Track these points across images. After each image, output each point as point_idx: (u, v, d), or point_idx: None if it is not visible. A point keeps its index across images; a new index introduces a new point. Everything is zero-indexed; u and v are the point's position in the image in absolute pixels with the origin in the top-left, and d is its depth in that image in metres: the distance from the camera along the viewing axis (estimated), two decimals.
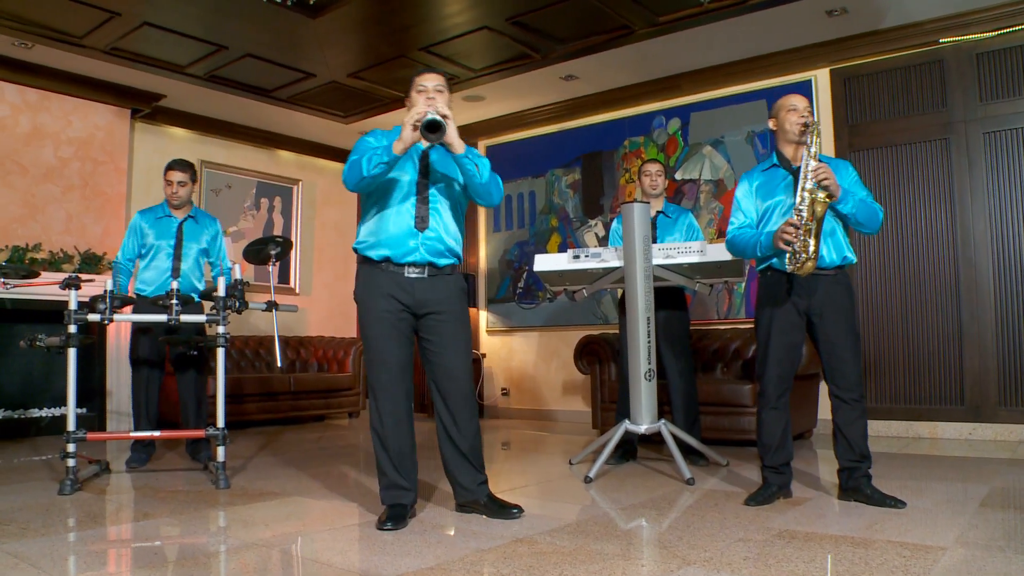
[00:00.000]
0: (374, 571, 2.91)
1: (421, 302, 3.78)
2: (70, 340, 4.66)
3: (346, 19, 6.58)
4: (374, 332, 3.79)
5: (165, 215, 5.79)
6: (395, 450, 3.79)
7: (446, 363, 3.83)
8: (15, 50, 7.21)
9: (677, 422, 5.51)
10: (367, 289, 3.82)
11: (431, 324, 3.82)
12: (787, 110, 4.12)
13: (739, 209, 4.27)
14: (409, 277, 3.76)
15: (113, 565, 3.09)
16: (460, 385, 3.86)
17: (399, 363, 3.80)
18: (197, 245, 5.80)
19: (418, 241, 3.74)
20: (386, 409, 3.79)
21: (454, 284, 3.88)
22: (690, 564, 2.98)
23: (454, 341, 3.84)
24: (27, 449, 6.56)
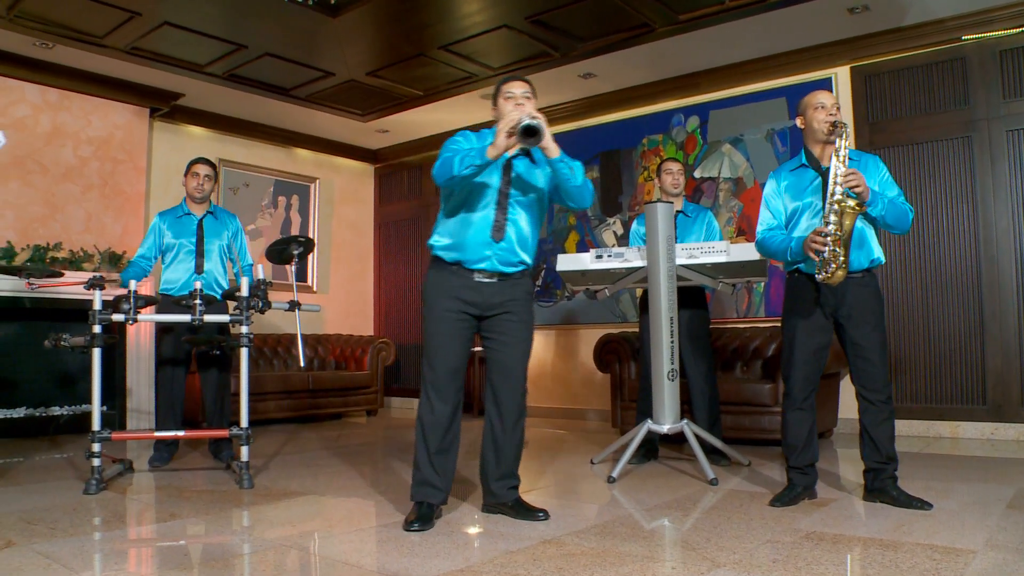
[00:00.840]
0: (404, 573, 2.91)
1: (489, 304, 3.82)
2: (95, 340, 4.68)
3: (366, 18, 6.60)
4: (435, 330, 3.82)
5: (185, 213, 5.80)
6: (435, 448, 3.79)
7: (505, 360, 3.86)
8: (36, 50, 7.24)
9: (698, 421, 5.49)
10: (434, 288, 3.86)
11: (496, 322, 3.86)
12: (814, 108, 4.09)
13: (767, 209, 4.25)
14: (478, 280, 3.80)
15: (143, 566, 3.10)
16: (514, 384, 3.88)
17: (454, 363, 3.82)
18: (219, 241, 5.82)
19: (492, 251, 3.77)
20: (434, 407, 3.80)
21: (523, 287, 3.91)
22: (720, 566, 2.98)
23: (516, 340, 3.86)
24: (48, 447, 6.59)
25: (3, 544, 3.39)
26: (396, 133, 10.04)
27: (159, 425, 5.70)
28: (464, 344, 3.85)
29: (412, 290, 10.56)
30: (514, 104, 3.75)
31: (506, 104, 3.78)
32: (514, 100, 3.77)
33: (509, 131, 3.49)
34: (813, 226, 3.98)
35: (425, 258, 10.18)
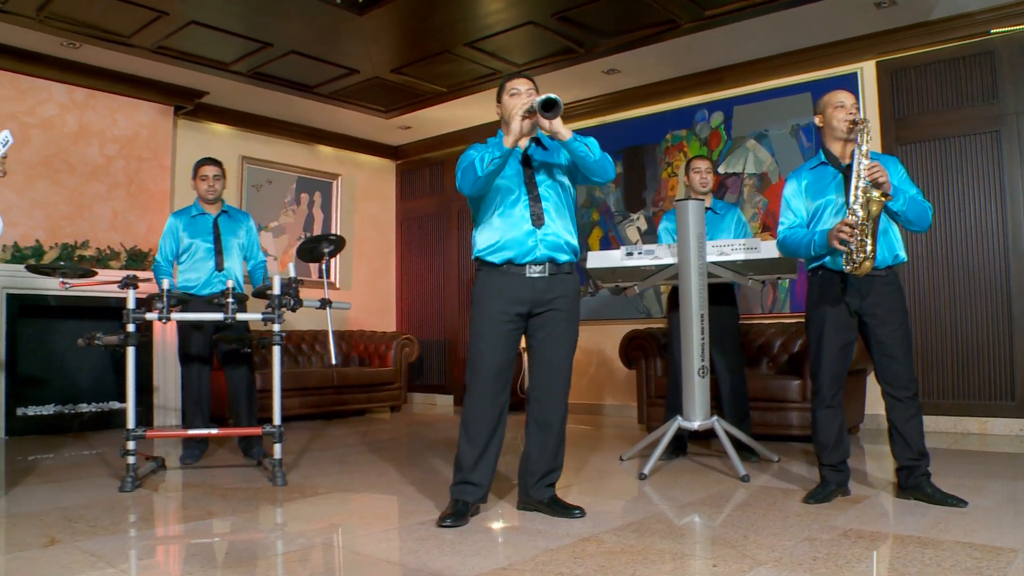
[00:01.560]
0: (448, 571, 2.92)
1: (540, 300, 3.83)
2: (129, 339, 4.71)
3: (393, 15, 6.61)
4: (482, 332, 3.83)
5: (199, 213, 5.84)
6: (479, 449, 3.80)
7: (550, 357, 3.87)
8: (63, 50, 7.29)
9: (727, 418, 5.49)
10: (485, 290, 3.86)
11: (544, 319, 3.86)
12: (834, 107, 4.09)
13: (788, 208, 4.26)
14: (531, 277, 3.80)
15: (187, 563, 3.12)
16: (559, 382, 3.89)
17: (500, 366, 3.83)
18: (236, 239, 5.86)
19: (537, 239, 3.78)
20: (478, 408, 3.82)
21: (572, 284, 3.92)
22: (761, 564, 2.98)
23: (562, 337, 3.87)
24: (77, 443, 6.64)
25: (48, 541, 3.42)
26: (418, 129, 10.06)
27: (187, 423, 5.74)
28: (511, 347, 3.86)
29: (434, 286, 10.58)
30: (520, 101, 3.76)
31: (511, 100, 3.81)
32: (520, 96, 3.80)
33: (524, 114, 3.56)
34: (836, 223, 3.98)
35: (447, 254, 10.22)
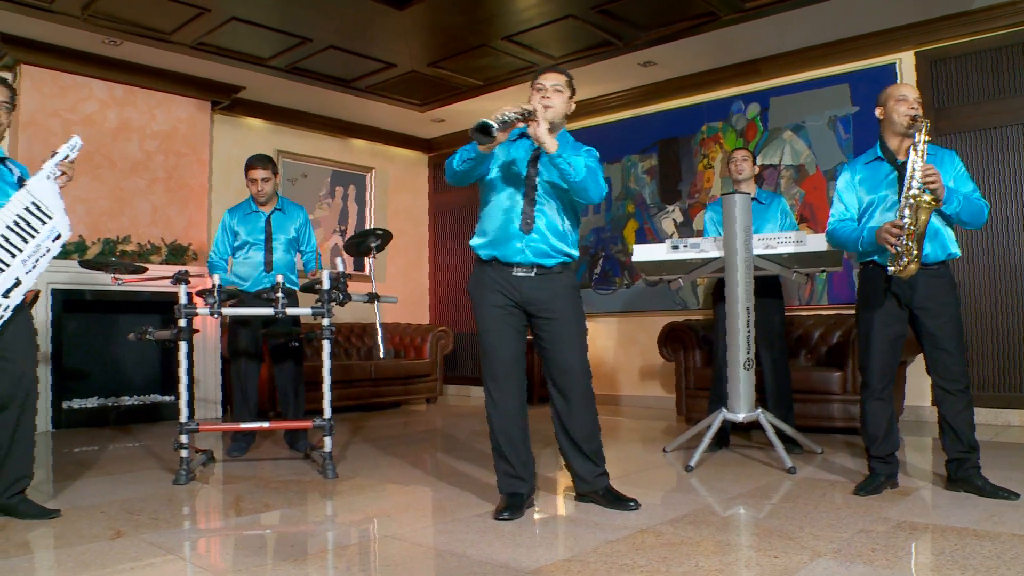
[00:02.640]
0: (513, 564, 2.97)
1: (529, 300, 3.82)
2: (181, 334, 4.78)
3: (432, 9, 6.64)
4: (486, 326, 3.86)
5: (252, 211, 5.89)
6: (508, 440, 3.84)
7: (559, 359, 3.85)
8: (104, 47, 7.37)
9: (771, 410, 5.50)
10: (478, 284, 3.90)
11: (541, 324, 3.85)
12: (896, 99, 4.07)
13: (840, 201, 4.26)
14: (517, 275, 3.81)
15: (255, 555, 3.18)
16: (574, 379, 3.87)
17: (510, 355, 3.85)
18: (286, 236, 5.91)
19: (523, 243, 3.77)
20: (499, 400, 3.85)
21: (562, 282, 3.86)
22: (821, 556, 3.01)
23: (566, 339, 3.84)
24: (120, 435, 6.73)
25: (114, 534, 3.49)
26: (451, 122, 10.09)
27: (235, 416, 5.81)
28: (517, 334, 3.87)
29: (467, 279, 10.59)
30: (542, 96, 3.74)
31: (535, 95, 3.77)
32: (542, 92, 3.76)
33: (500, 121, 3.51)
34: (887, 219, 3.98)
35: None
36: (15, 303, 3.74)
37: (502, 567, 2.93)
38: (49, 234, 3.85)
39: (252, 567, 2.99)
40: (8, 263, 3.68)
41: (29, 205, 3.76)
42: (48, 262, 3.87)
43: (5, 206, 3.70)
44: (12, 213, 3.70)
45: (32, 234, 3.77)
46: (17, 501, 3.82)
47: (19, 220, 3.73)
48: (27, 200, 3.75)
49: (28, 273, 3.76)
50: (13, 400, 3.78)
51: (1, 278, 3.65)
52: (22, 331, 3.84)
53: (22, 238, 3.73)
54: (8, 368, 3.76)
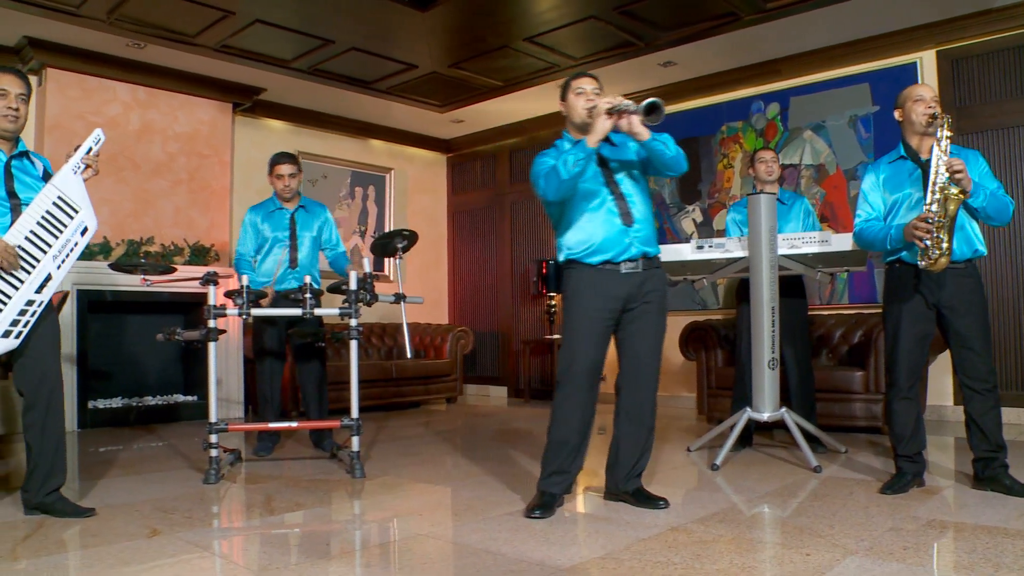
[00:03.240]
0: (548, 561, 3.00)
1: (635, 295, 3.88)
2: (211, 334, 4.83)
3: (454, 11, 6.69)
4: (576, 327, 3.89)
5: (276, 208, 5.93)
6: (568, 442, 3.87)
7: (639, 350, 3.92)
8: (128, 50, 7.44)
9: (795, 409, 5.52)
10: (581, 287, 3.91)
11: (634, 314, 3.91)
12: (913, 100, 4.12)
13: (865, 201, 4.28)
14: (626, 273, 3.86)
15: (290, 554, 3.22)
16: (646, 374, 3.93)
17: (592, 361, 3.88)
18: (310, 234, 5.94)
19: (630, 237, 3.85)
20: (569, 401, 3.88)
21: (662, 277, 4.01)
22: (852, 553, 3.03)
23: (651, 329, 3.92)
24: (146, 435, 6.79)
25: (150, 532, 3.53)
26: (470, 123, 10.13)
27: (260, 416, 5.85)
28: (604, 343, 3.92)
29: (487, 279, 10.66)
30: (585, 99, 3.84)
31: (577, 100, 3.88)
32: (585, 96, 3.86)
33: (608, 112, 3.60)
34: (913, 217, 3.99)
35: (499, 247, 10.29)
36: (47, 298, 3.79)
37: (537, 564, 2.96)
38: (77, 228, 3.89)
39: (291, 565, 3.04)
40: (39, 258, 3.72)
41: (57, 200, 3.80)
42: (77, 256, 3.93)
43: (33, 201, 3.73)
44: (41, 208, 3.74)
45: (61, 229, 3.81)
46: (53, 499, 3.87)
47: (48, 215, 3.76)
48: (55, 195, 3.79)
49: (59, 268, 3.81)
50: (39, 399, 3.83)
51: (33, 274, 3.69)
52: (47, 330, 3.89)
53: (52, 233, 3.77)
54: (32, 366, 3.81)
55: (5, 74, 3.79)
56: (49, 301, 3.86)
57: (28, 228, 3.68)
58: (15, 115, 3.77)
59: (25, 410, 3.84)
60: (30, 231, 3.69)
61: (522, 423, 7.55)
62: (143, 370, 8.12)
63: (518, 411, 8.73)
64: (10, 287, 3.62)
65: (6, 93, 3.74)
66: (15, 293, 3.64)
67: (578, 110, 3.85)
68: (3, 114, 3.73)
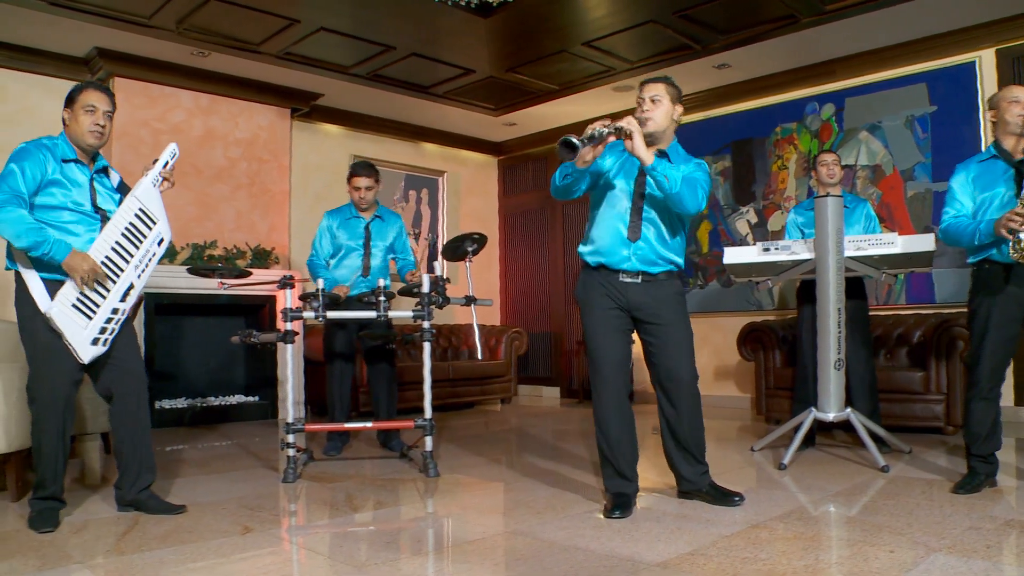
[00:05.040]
0: (638, 557, 3.08)
1: (635, 305, 3.93)
2: (287, 336, 4.95)
3: (515, 17, 6.78)
4: (593, 330, 3.98)
5: (353, 216, 6.05)
6: (615, 440, 3.94)
7: (667, 365, 3.95)
8: (192, 59, 7.61)
9: (859, 409, 5.55)
10: (586, 290, 4.02)
11: (649, 330, 3.96)
12: (1008, 102, 4.13)
13: (954, 199, 4.30)
14: (623, 281, 3.92)
15: (384, 551, 3.32)
16: (682, 386, 3.96)
17: (616, 358, 3.96)
18: (384, 243, 6.06)
19: (630, 251, 3.89)
20: (605, 402, 3.96)
21: (668, 289, 3.97)
22: (935, 551, 3.08)
23: (673, 344, 3.94)
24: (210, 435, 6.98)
25: (243, 529, 3.65)
26: (522, 126, 10.22)
27: (330, 417, 5.97)
28: (623, 337, 3.98)
29: (539, 280, 10.75)
30: (639, 110, 3.92)
31: (637, 109, 3.94)
32: (641, 105, 3.94)
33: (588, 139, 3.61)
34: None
35: (551, 248, 10.39)
36: (129, 306, 3.94)
37: (628, 560, 3.05)
38: (155, 239, 4.04)
39: (388, 561, 3.14)
40: (123, 268, 3.87)
41: (138, 212, 3.95)
42: (155, 266, 4.07)
43: (116, 213, 3.88)
44: (124, 220, 3.90)
45: (141, 239, 3.96)
46: (145, 497, 4.01)
47: (131, 227, 3.92)
48: (136, 207, 3.94)
49: (139, 277, 3.97)
50: (127, 400, 3.97)
51: (117, 283, 3.84)
52: (129, 335, 4.04)
53: (133, 244, 3.92)
54: (119, 369, 3.95)
55: (95, 91, 3.92)
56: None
57: (113, 240, 3.84)
58: (101, 131, 3.90)
59: (113, 411, 3.99)
60: (115, 242, 3.84)
61: (579, 424, 7.62)
62: (206, 371, 8.30)
63: (572, 411, 8.80)
64: (99, 296, 3.77)
65: (95, 109, 3.87)
66: (103, 302, 3.78)
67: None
68: (90, 130, 3.86)
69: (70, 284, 3.68)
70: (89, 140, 3.87)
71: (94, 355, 3.79)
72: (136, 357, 4.07)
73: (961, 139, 7.13)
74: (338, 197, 9.36)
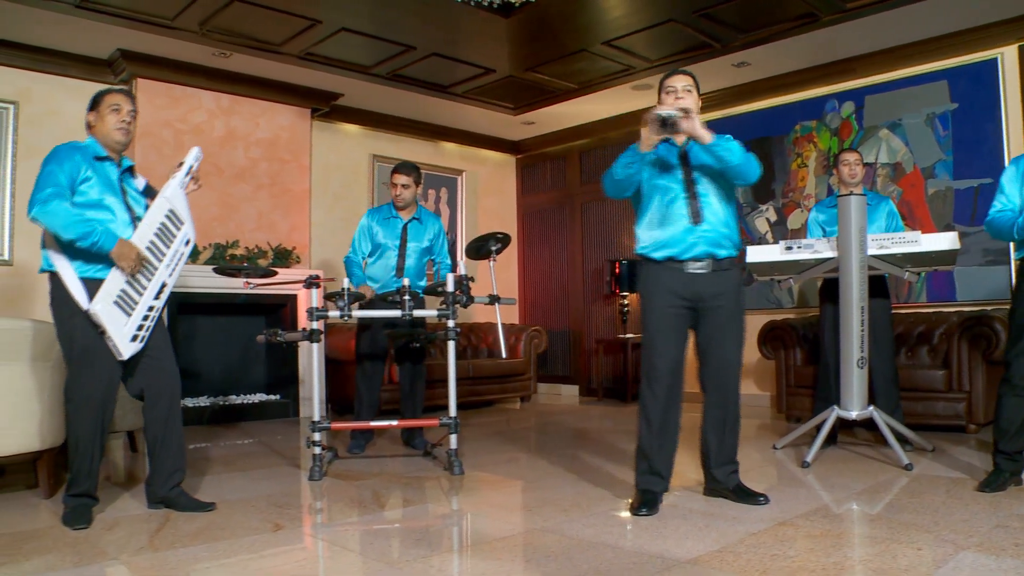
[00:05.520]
0: (668, 554, 3.11)
1: (702, 296, 3.96)
2: (314, 335, 4.99)
3: (536, 16, 6.80)
4: (653, 326, 4.01)
5: (392, 216, 6.08)
6: (658, 437, 3.97)
7: (720, 353, 4.00)
8: (214, 59, 7.66)
9: (881, 407, 5.55)
10: (650, 286, 4.03)
11: (709, 317, 3.99)
12: None
13: (1002, 192, 4.31)
14: (691, 273, 3.95)
15: (415, 548, 3.36)
16: (730, 376, 4.03)
17: (673, 357, 3.98)
18: (420, 244, 6.07)
19: (696, 236, 3.91)
20: (656, 398, 3.97)
21: (733, 278, 4.03)
22: (964, 549, 3.09)
23: (729, 333, 4.00)
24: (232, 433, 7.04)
25: (273, 527, 3.69)
26: (541, 124, 10.24)
27: (358, 415, 6.00)
28: (681, 338, 4.01)
29: (557, 279, 10.77)
30: (674, 98, 3.92)
31: (667, 98, 3.95)
32: (674, 94, 3.94)
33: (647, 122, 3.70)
34: None
35: (569, 247, 10.40)
36: (163, 304, 4.02)
37: (657, 557, 3.07)
38: (183, 239, 4.15)
39: (420, 557, 3.17)
40: (157, 267, 3.95)
41: (168, 213, 4.05)
42: (183, 265, 4.15)
43: (149, 213, 3.98)
44: (157, 220, 3.99)
45: (171, 239, 4.06)
46: (176, 494, 4.06)
47: (162, 227, 4.02)
48: (167, 208, 4.04)
49: (171, 276, 4.07)
50: (161, 397, 4.04)
51: (152, 281, 3.93)
52: (161, 333, 4.11)
53: (164, 243, 4.01)
54: (154, 367, 4.02)
55: (118, 93, 4.04)
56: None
57: (148, 239, 3.92)
58: (127, 127, 4.00)
59: (147, 409, 4.06)
60: (149, 241, 3.91)
61: (600, 422, 7.66)
62: (227, 370, 8.36)
63: (592, 409, 8.82)
64: (136, 294, 3.83)
65: (119, 108, 3.97)
66: (140, 299, 3.85)
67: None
68: (117, 127, 3.96)
69: (111, 280, 3.77)
70: (116, 136, 3.96)
71: (133, 351, 3.87)
72: (170, 356, 4.14)
73: (983, 136, 7.11)
74: (357, 196, 9.44)
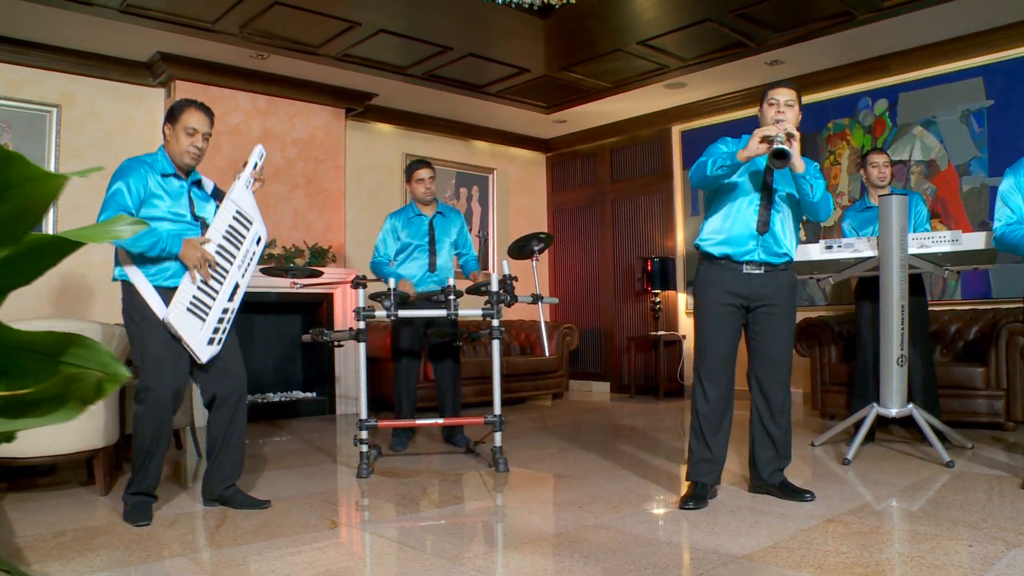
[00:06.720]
0: (722, 550, 3.17)
1: (756, 295, 4.04)
2: (360, 335, 5.07)
3: (573, 17, 6.84)
4: (706, 322, 4.10)
5: (416, 215, 6.17)
6: (710, 432, 4.05)
7: (770, 352, 4.09)
8: (251, 61, 7.76)
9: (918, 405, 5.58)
10: (706, 282, 4.12)
11: (761, 315, 4.07)
12: None
13: (1005, 205, 4.34)
14: (747, 273, 4.03)
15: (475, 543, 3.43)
16: (780, 374, 4.11)
17: (725, 352, 4.07)
18: (448, 239, 6.18)
19: (757, 243, 3.99)
20: (709, 393, 4.06)
21: (787, 279, 4.12)
22: (1016, 546, 3.14)
23: (780, 332, 4.08)
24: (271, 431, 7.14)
25: (330, 524, 3.78)
26: (572, 123, 10.29)
27: (398, 413, 6.08)
28: (734, 334, 4.09)
29: (588, 276, 10.82)
30: (776, 111, 3.98)
31: (769, 110, 4.01)
32: (776, 107, 3.99)
33: (762, 138, 3.75)
34: None
35: (601, 244, 10.44)
36: (237, 305, 4.10)
37: (712, 553, 3.14)
38: (253, 238, 4.21)
39: (480, 554, 3.25)
40: (228, 269, 4.03)
41: (236, 214, 4.12)
42: (256, 265, 4.22)
43: (216, 217, 4.05)
44: (224, 223, 4.06)
45: (241, 240, 4.13)
46: (232, 492, 4.15)
47: (231, 229, 4.09)
48: (234, 209, 4.11)
49: (243, 276, 4.14)
50: (229, 399, 4.12)
51: (224, 283, 4.01)
52: (233, 336, 4.18)
53: (235, 245, 4.09)
54: (226, 369, 4.10)
55: (197, 111, 4.05)
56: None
57: (216, 243, 3.99)
58: (198, 153, 4.05)
59: (214, 409, 4.14)
60: (218, 245, 3.99)
61: (634, 418, 7.71)
62: (264, 368, 8.47)
63: (624, 406, 8.88)
64: (209, 298, 3.93)
65: (195, 133, 4.02)
66: (213, 303, 3.94)
67: (766, 119, 3.99)
68: (188, 151, 4.01)
69: (183, 287, 3.87)
70: (186, 160, 4.02)
71: (211, 355, 3.98)
72: (239, 360, 4.21)
73: (1020, 133, 7.11)
74: (391, 195, 9.52)
